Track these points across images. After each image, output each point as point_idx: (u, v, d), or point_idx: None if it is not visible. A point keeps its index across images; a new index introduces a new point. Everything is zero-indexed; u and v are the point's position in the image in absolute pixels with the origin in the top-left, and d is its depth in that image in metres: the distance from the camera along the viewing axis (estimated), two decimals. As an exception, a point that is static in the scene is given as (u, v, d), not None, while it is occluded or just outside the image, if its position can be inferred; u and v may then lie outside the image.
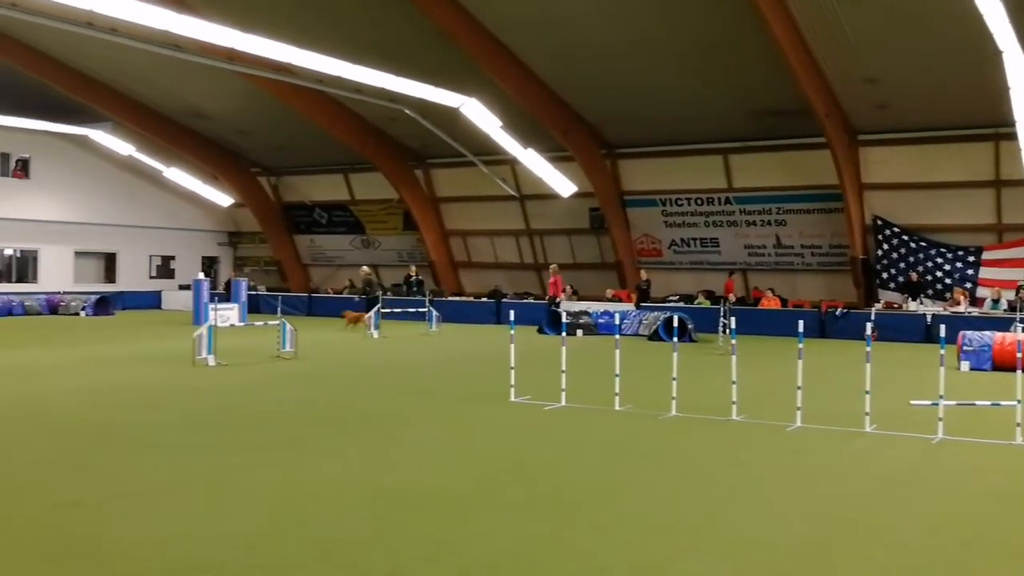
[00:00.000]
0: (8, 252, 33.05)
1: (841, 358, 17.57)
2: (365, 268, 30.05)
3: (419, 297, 28.26)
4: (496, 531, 6.03)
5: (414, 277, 30.55)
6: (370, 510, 6.46)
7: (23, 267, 33.44)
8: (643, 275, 27.29)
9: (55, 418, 10.25)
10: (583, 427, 10.03)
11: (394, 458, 8.30)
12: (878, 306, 24.31)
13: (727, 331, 19.36)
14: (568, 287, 29.16)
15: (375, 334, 22.23)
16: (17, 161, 32.71)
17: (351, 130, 29.32)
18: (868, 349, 9.99)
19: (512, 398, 11.51)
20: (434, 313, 24.69)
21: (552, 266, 27.54)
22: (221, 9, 20.74)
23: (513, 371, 11.65)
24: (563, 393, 11.20)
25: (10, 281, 32.61)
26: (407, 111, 24.80)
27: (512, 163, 28.72)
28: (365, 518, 6.25)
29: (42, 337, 21.38)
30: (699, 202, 27.87)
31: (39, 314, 29.45)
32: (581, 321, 23.15)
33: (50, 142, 32.50)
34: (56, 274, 33.30)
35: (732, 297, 25.49)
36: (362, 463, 8.05)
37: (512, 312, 12.52)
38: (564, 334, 11.68)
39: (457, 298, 30.94)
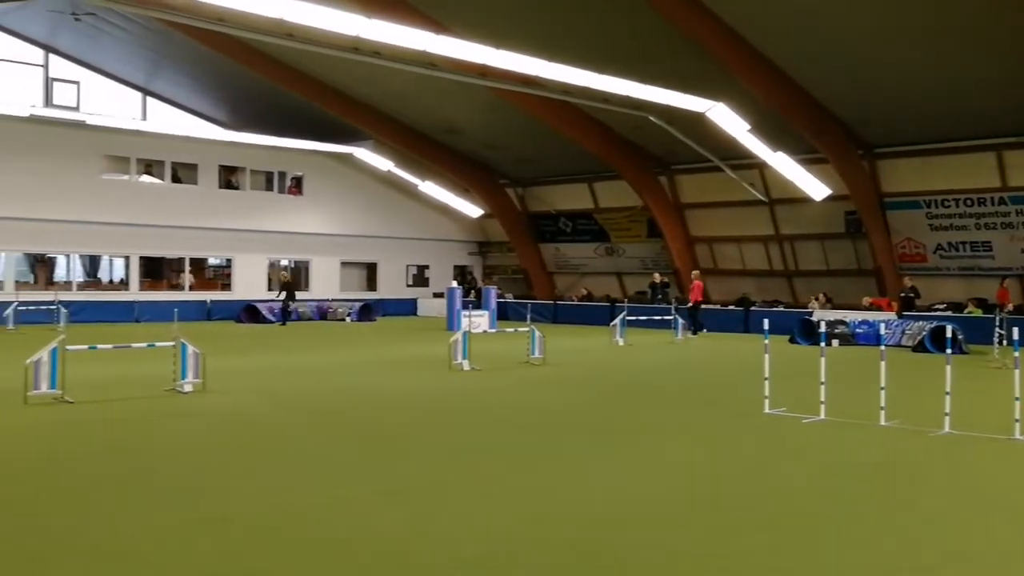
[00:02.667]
0: (284, 263, 36.04)
1: None
2: (284, 272, 33.10)
3: (664, 304, 28.05)
4: (765, 547, 5.82)
5: (659, 282, 30.31)
6: (630, 518, 6.43)
7: (297, 277, 36.34)
8: (907, 282, 25.61)
9: (327, 416, 11.02)
10: (846, 442, 9.51)
11: (650, 467, 8.24)
12: None
13: (1005, 342, 17.79)
14: (821, 295, 27.93)
15: (620, 341, 22.27)
16: (292, 179, 35.63)
17: (596, 139, 29.59)
18: None
19: (767, 410, 11.12)
20: (680, 321, 24.38)
21: (694, 272, 27.11)
22: (474, 27, 21.56)
23: (767, 381, 11.27)
24: (822, 406, 10.68)
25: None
26: (652, 118, 24.70)
27: (760, 167, 27.89)
28: (626, 526, 6.23)
29: (314, 342, 23.09)
30: (968, 203, 25.79)
31: (311, 320, 31.89)
32: (837, 331, 22.10)
33: (320, 161, 35.18)
34: (325, 283, 35.96)
35: (1009, 306, 23.36)
36: (617, 470, 8.04)
37: (766, 321, 12.10)
38: (823, 344, 11.16)
39: (703, 306, 30.34)
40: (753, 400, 11.63)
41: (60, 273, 31.77)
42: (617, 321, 22.98)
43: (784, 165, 26.32)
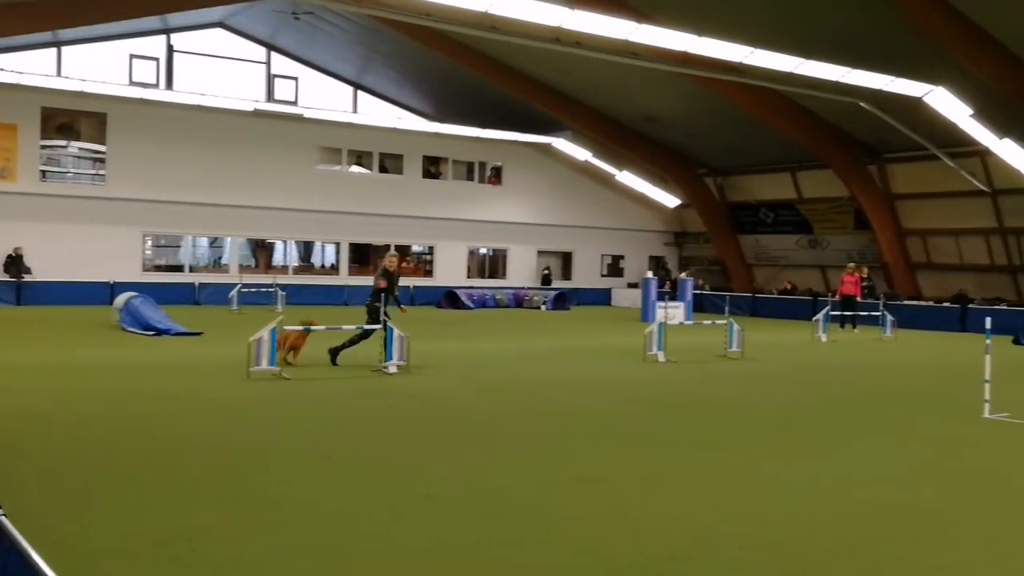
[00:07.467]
0: (483, 251, 36.95)
1: None
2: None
3: (870, 300, 26.75)
4: (980, 558, 5.47)
5: (866, 277, 28.87)
6: (835, 521, 6.19)
7: (494, 264, 37.19)
8: None
9: (523, 400, 11.19)
10: (1079, 453, 8.77)
11: (855, 469, 7.88)
12: None
13: None
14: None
15: (823, 338, 21.41)
16: (492, 169, 36.43)
17: (801, 127, 28.53)
18: None
19: (986, 414, 10.40)
20: (888, 317, 23.17)
21: (850, 265, 26.24)
22: (676, 15, 21.26)
23: (988, 384, 10.53)
24: (1052, 413, 9.90)
25: (483, 277, 36.46)
26: (863, 104, 23.55)
27: (982, 155, 26.09)
28: (831, 529, 6.01)
29: (510, 328, 23.53)
30: None
31: (507, 307, 32.54)
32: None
33: (519, 151, 35.78)
34: (521, 271, 36.61)
35: None
36: (821, 471, 7.75)
37: (988, 319, 11.28)
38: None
39: (914, 302, 28.76)
40: (969, 404, 10.92)
41: (278, 258, 33.92)
42: (820, 316, 22.11)
43: (1011, 153, 24.47)
